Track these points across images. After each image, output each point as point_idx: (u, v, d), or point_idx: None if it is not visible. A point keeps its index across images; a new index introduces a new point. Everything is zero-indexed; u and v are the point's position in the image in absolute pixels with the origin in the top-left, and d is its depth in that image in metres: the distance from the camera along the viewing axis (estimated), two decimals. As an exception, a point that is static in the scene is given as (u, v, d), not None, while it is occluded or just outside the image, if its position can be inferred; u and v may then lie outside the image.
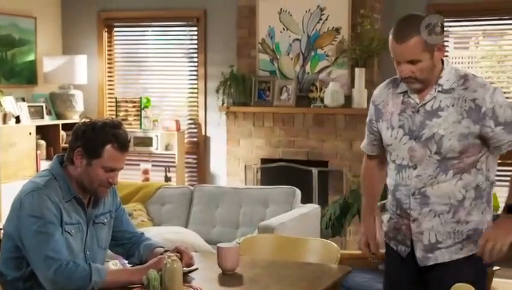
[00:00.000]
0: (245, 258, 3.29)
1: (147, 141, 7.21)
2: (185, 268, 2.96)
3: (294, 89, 6.70)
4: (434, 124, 2.75)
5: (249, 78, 6.80)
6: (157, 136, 7.18)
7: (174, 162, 7.18)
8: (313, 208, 5.37)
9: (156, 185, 5.71)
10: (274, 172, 6.60)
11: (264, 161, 6.79)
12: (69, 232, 2.86)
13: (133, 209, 5.38)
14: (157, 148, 7.20)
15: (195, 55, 7.30)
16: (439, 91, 2.77)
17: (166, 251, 3.00)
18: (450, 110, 2.74)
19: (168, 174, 7.13)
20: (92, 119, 2.98)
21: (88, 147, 2.86)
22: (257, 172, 6.74)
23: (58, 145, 6.87)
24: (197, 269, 3.04)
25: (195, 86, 7.30)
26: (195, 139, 7.35)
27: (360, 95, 6.44)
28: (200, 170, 7.30)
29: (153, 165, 7.29)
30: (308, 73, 6.72)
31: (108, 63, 7.61)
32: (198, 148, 7.30)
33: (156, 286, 2.66)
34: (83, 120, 2.99)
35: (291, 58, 6.76)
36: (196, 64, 7.29)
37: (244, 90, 6.80)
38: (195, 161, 7.37)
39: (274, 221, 4.77)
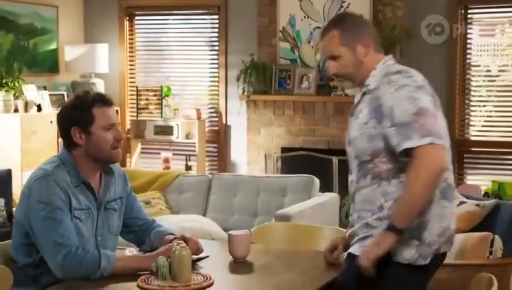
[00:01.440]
0: (258, 246, 3.27)
1: (167, 130, 7.21)
2: (194, 256, 2.95)
3: (315, 78, 6.65)
4: (353, 126, 2.67)
5: (269, 66, 6.76)
6: (177, 124, 7.17)
7: (194, 150, 7.17)
8: (332, 196, 5.33)
9: (175, 173, 5.70)
10: (294, 161, 6.57)
11: (284, 149, 6.75)
12: (78, 218, 2.85)
13: (151, 198, 5.38)
14: (177, 137, 7.19)
15: (216, 43, 7.27)
16: (364, 92, 2.65)
17: (176, 238, 2.98)
18: (364, 111, 2.62)
19: (189, 163, 7.12)
20: (63, 102, 3.02)
21: (79, 120, 2.88)
22: (277, 161, 6.71)
23: (79, 133, 6.88)
24: (207, 256, 3.01)
25: (216, 74, 7.28)
26: (215, 128, 7.33)
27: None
28: (221, 158, 7.29)
29: (173, 154, 7.29)
30: (329, 61, 6.65)
31: (130, 52, 7.62)
32: (219, 137, 7.29)
33: (165, 273, 2.65)
34: (59, 108, 3.04)
35: (312, 47, 6.70)
36: (217, 52, 7.26)
37: (265, 79, 6.76)
38: (215, 150, 7.35)
39: (291, 209, 4.74)
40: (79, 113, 2.87)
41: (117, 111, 7.38)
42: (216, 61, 7.27)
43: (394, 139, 2.51)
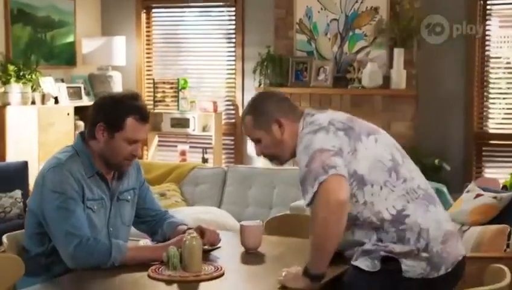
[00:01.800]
0: (271, 237, 3.26)
1: (184, 122, 7.20)
2: (207, 246, 2.94)
3: (331, 70, 6.61)
4: None
5: (286, 58, 6.73)
6: (194, 117, 7.17)
7: (211, 143, 7.16)
8: (348, 189, 5.28)
9: (190, 165, 5.70)
10: (311, 154, 6.52)
11: (301, 142, 6.71)
12: (91, 208, 2.85)
13: (166, 190, 5.38)
14: (194, 130, 7.18)
15: (233, 36, 7.25)
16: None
17: (189, 228, 2.97)
18: None
19: (205, 156, 7.11)
20: (110, 93, 2.97)
21: (110, 120, 2.85)
22: (293, 153, 6.67)
23: (96, 126, 6.89)
24: (219, 247, 3.00)
25: (233, 67, 7.26)
26: (232, 121, 7.32)
27: (399, 75, 6.32)
28: (237, 151, 7.27)
29: (190, 147, 7.28)
30: (345, 53, 6.63)
31: (147, 44, 7.61)
32: (236, 130, 7.27)
33: (176, 263, 2.64)
34: (102, 95, 2.98)
35: (329, 39, 6.67)
36: (234, 45, 7.24)
37: (281, 71, 6.73)
38: (232, 143, 7.34)
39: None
40: (113, 114, 2.84)
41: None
42: (233, 54, 7.25)
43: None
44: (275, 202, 5.20)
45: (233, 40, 7.24)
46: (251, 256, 2.93)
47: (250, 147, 7.17)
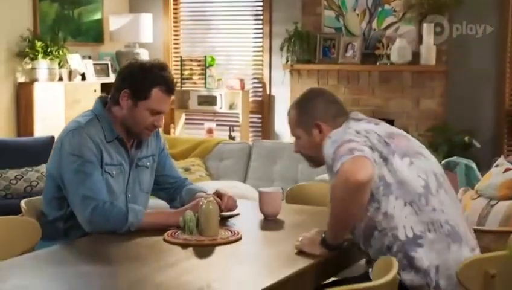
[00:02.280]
0: (292, 206, 3.21)
1: (211, 100, 7.17)
2: (225, 213, 2.90)
3: (360, 46, 6.52)
4: None
5: (313, 35, 6.65)
6: (221, 95, 7.12)
7: (238, 121, 7.11)
8: (374, 164, 5.21)
9: (215, 140, 5.67)
10: (338, 131, 6.45)
11: (328, 119, 6.64)
12: (109, 173, 2.82)
13: (191, 165, 5.36)
14: (221, 108, 7.14)
15: (261, 13, 7.18)
16: None
17: (208, 195, 2.93)
18: None
19: (232, 134, 7.07)
20: (138, 60, 2.92)
21: (135, 88, 2.81)
22: (320, 131, 6.60)
23: (123, 103, 6.89)
24: (238, 214, 2.96)
25: (260, 44, 7.19)
26: (259, 99, 7.26)
27: (429, 51, 6.20)
28: (265, 129, 7.22)
29: (217, 125, 7.25)
30: (374, 29, 6.53)
31: (174, 22, 7.58)
32: (263, 108, 7.21)
33: (192, 227, 2.60)
34: (129, 61, 2.94)
35: (357, 15, 6.57)
36: (261, 22, 7.17)
37: (309, 48, 6.65)
38: (259, 121, 7.28)
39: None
40: (140, 83, 2.80)
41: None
42: (260, 31, 7.18)
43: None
44: (300, 177, 5.14)
45: (261, 18, 7.17)
46: (270, 223, 2.88)
47: (278, 125, 7.12)
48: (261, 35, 7.18)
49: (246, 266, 2.34)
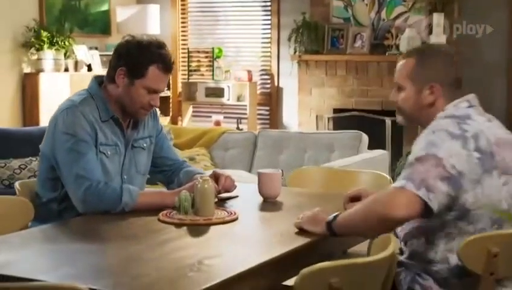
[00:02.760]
0: (292, 188, 3.14)
1: (218, 92, 7.11)
2: (224, 194, 2.84)
3: (368, 36, 6.44)
4: None
5: (321, 25, 6.58)
6: (228, 86, 7.06)
7: (245, 113, 7.04)
8: (381, 153, 5.14)
9: (220, 130, 5.60)
10: (346, 122, 6.38)
11: (336, 110, 6.57)
12: (104, 153, 2.76)
13: (196, 154, 5.29)
14: (228, 99, 7.08)
15: (269, 4, 7.11)
16: None
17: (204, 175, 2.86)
18: None
19: (240, 126, 7.01)
20: (135, 37, 2.85)
21: (132, 66, 2.74)
22: (328, 122, 6.53)
23: (130, 94, 6.83)
24: (237, 196, 2.89)
25: (268, 36, 7.12)
26: (267, 90, 7.19)
27: (439, 41, 6.10)
28: (273, 121, 7.15)
29: (224, 117, 7.19)
30: (383, 19, 6.44)
31: (182, 13, 7.52)
32: (271, 100, 7.14)
33: (187, 207, 2.53)
34: (126, 38, 2.86)
35: (366, 5, 6.49)
36: (269, 13, 7.09)
37: (317, 38, 6.58)
38: (267, 113, 7.21)
39: (335, 164, 4.58)
40: (136, 60, 2.73)
41: (168, 73, 7.33)
42: (268, 22, 7.11)
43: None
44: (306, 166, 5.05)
45: (269, 8, 7.09)
46: (268, 204, 2.81)
47: (286, 117, 7.05)
48: (269, 27, 7.11)
49: (239, 245, 2.27)
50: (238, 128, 6.99)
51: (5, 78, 6.24)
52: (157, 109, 3.06)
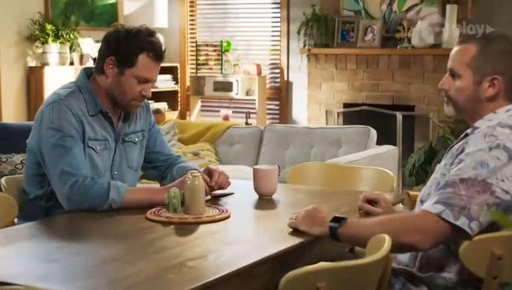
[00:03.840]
0: (291, 185, 3.02)
1: (227, 86, 6.98)
2: (218, 191, 2.72)
3: (379, 29, 6.28)
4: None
5: (331, 18, 6.43)
6: (237, 80, 6.93)
7: (254, 108, 6.91)
8: (390, 149, 4.99)
9: (226, 124, 5.48)
10: (356, 117, 6.23)
11: (346, 105, 6.43)
12: (93, 148, 2.65)
13: (200, 149, 5.18)
14: (237, 94, 6.96)
15: (279, -5, 6.97)
16: (466, 133, 2.19)
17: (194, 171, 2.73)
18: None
19: (249, 121, 6.88)
20: (125, 25, 2.73)
21: (121, 54, 2.62)
22: (338, 117, 6.39)
23: (137, 88, 6.72)
24: (232, 193, 2.77)
25: (278, 29, 6.98)
26: (277, 85, 7.05)
27: (451, 34, 5.94)
28: (282, 116, 7.01)
29: (233, 112, 7.06)
30: (395, 12, 6.28)
31: (190, 6, 7.40)
32: (280, 94, 7.00)
33: (175, 204, 2.41)
34: (115, 27, 2.74)
35: (378, -4, 6.34)
36: (279, 6, 6.95)
37: (327, 31, 6.43)
38: (277, 107, 7.08)
39: (341, 159, 4.43)
40: (125, 49, 2.61)
41: (176, 67, 7.22)
42: (278, 15, 6.96)
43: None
44: (312, 162, 4.92)
45: (278, 1, 6.95)
46: (264, 202, 2.68)
47: (296, 112, 6.91)
48: (278, 20, 6.97)
49: (228, 244, 2.14)
50: (247, 123, 6.85)
51: (9, 71, 6.15)
52: (149, 101, 2.93)
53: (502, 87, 2.14)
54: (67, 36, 6.25)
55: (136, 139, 2.83)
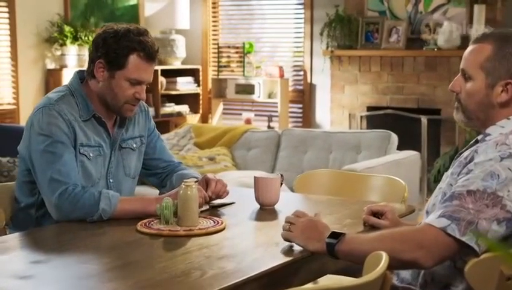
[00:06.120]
0: (296, 194, 2.87)
1: (249, 89, 6.85)
2: (217, 201, 2.58)
3: (405, 30, 6.09)
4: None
5: (355, 19, 6.26)
6: (259, 83, 6.79)
7: (277, 111, 6.77)
8: (411, 155, 4.80)
9: (243, 128, 5.33)
10: (380, 120, 6.05)
11: (370, 108, 6.25)
12: (85, 155, 2.52)
13: (216, 154, 5.04)
14: (259, 96, 6.81)
15: (302, -3, 6.81)
16: (477, 140, 2.05)
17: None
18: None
19: (271, 124, 6.73)
20: (114, 25, 2.60)
21: (110, 56, 2.50)
22: (361, 120, 6.21)
23: (157, 91, 6.63)
24: (233, 203, 2.63)
25: (301, 30, 6.82)
26: (300, 87, 6.89)
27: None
28: (306, 119, 6.85)
29: (255, 115, 6.92)
30: (421, 12, 6.09)
31: (213, 7, 7.28)
32: (304, 97, 6.84)
33: (167, 216, 2.28)
34: (104, 28, 2.61)
35: (403, -4, 6.15)
36: (302, 6, 6.79)
37: (350, 33, 6.26)
38: (300, 110, 6.92)
39: (358, 166, 4.26)
40: (114, 50, 2.48)
41: (198, 70, 7.10)
42: (301, 16, 6.80)
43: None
44: (330, 167, 4.75)
45: (302, 2, 6.79)
46: (264, 212, 2.53)
47: (319, 116, 6.74)
48: (302, 21, 6.80)
49: (216, 260, 1.99)
50: (269, 126, 6.71)
51: (28, 74, 6.09)
52: (145, 104, 2.80)
53: None
54: (86, 38, 6.17)
55: (134, 145, 2.70)
